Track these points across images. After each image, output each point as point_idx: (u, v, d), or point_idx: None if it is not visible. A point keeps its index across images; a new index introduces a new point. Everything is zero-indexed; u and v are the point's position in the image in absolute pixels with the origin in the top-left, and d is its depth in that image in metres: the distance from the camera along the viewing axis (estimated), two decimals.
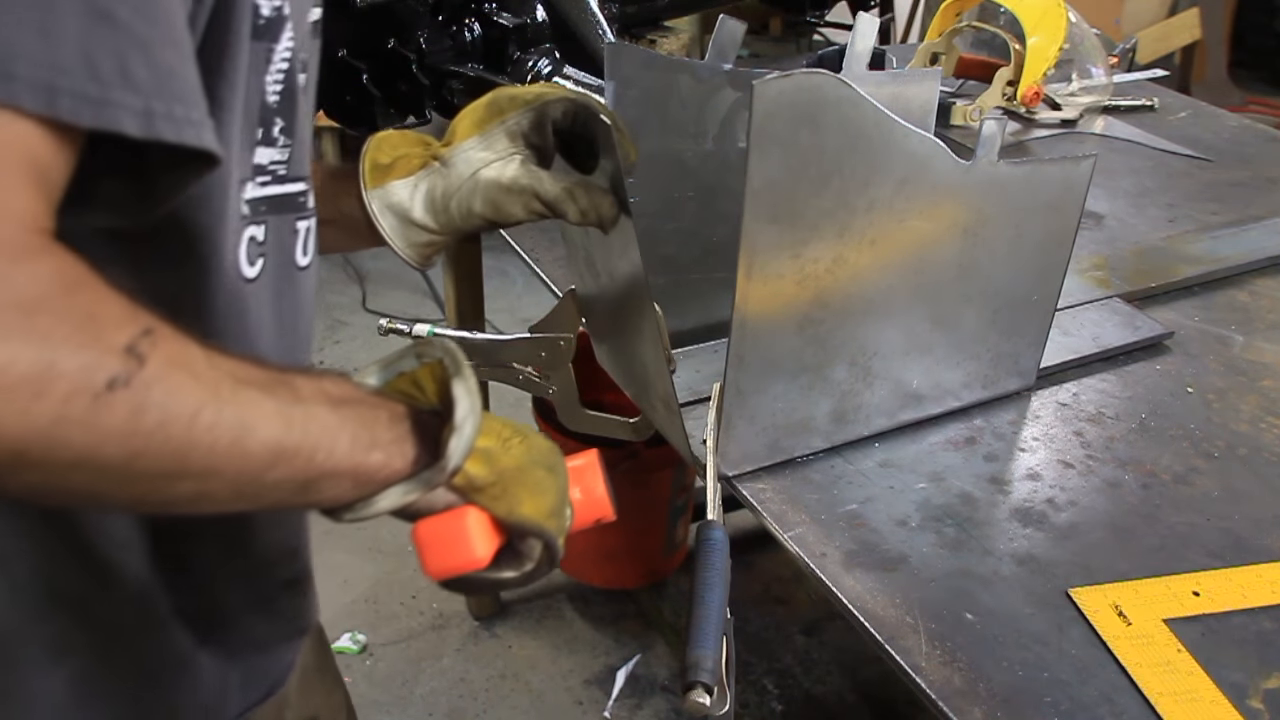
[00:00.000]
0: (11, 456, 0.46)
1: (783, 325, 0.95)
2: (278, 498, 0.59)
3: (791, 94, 0.84)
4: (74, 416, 0.47)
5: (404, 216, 0.85)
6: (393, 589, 2.23)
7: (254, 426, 0.55)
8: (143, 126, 0.49)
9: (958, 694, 0.81)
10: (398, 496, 0.64)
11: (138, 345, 0.49)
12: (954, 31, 1.86)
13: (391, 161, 0.86)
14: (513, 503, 0.70)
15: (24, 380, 0.45)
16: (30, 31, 0.46)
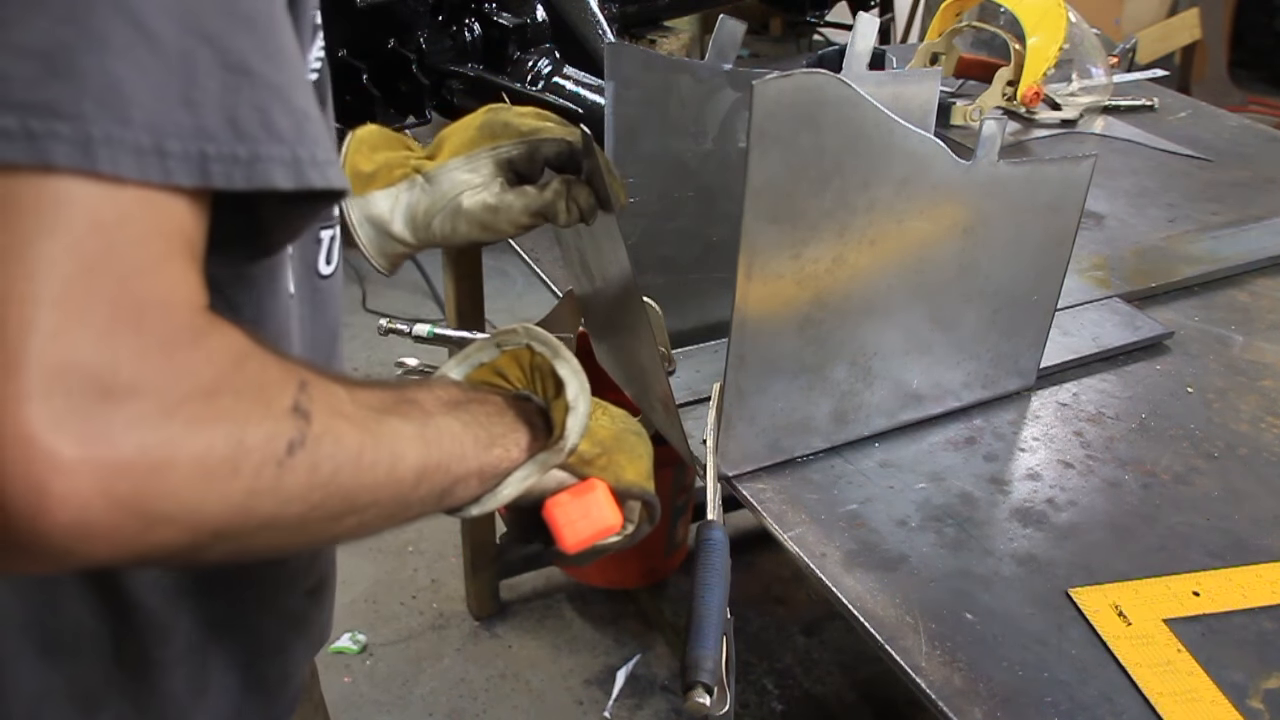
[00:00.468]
0: (211, 536, 0.47)
1: (783, 325, 0.95)
2: (419, 511, 0.61)
3: (791, 94, 0.84)
4: (264, 487, 0.48)
5: (382, 228, 0.85)
6: (393, 589, 2.23)
7: (403, 454, 0.57)
8: (293, 178, 0.48)
9: (958, 694, 0.81)
10: (518, 483, 0.67)
11: (301, 403, 0.50)
12: (954, 31, 1.86)
13: (373, 170, 0.85)
14: (618, 471, 0.74)
15: (221, 463, 0.45)
16: (175, 102, 0.44)
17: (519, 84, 1.59)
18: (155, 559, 0.47)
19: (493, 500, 0.66)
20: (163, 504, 0.44)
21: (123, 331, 0.43)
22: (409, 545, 2.34)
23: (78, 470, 0.41)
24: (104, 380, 0.42)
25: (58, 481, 0.41)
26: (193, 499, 0.45)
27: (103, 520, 0.42)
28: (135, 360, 0.43)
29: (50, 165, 0.41)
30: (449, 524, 2.29)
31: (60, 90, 0.42)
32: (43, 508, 0.41)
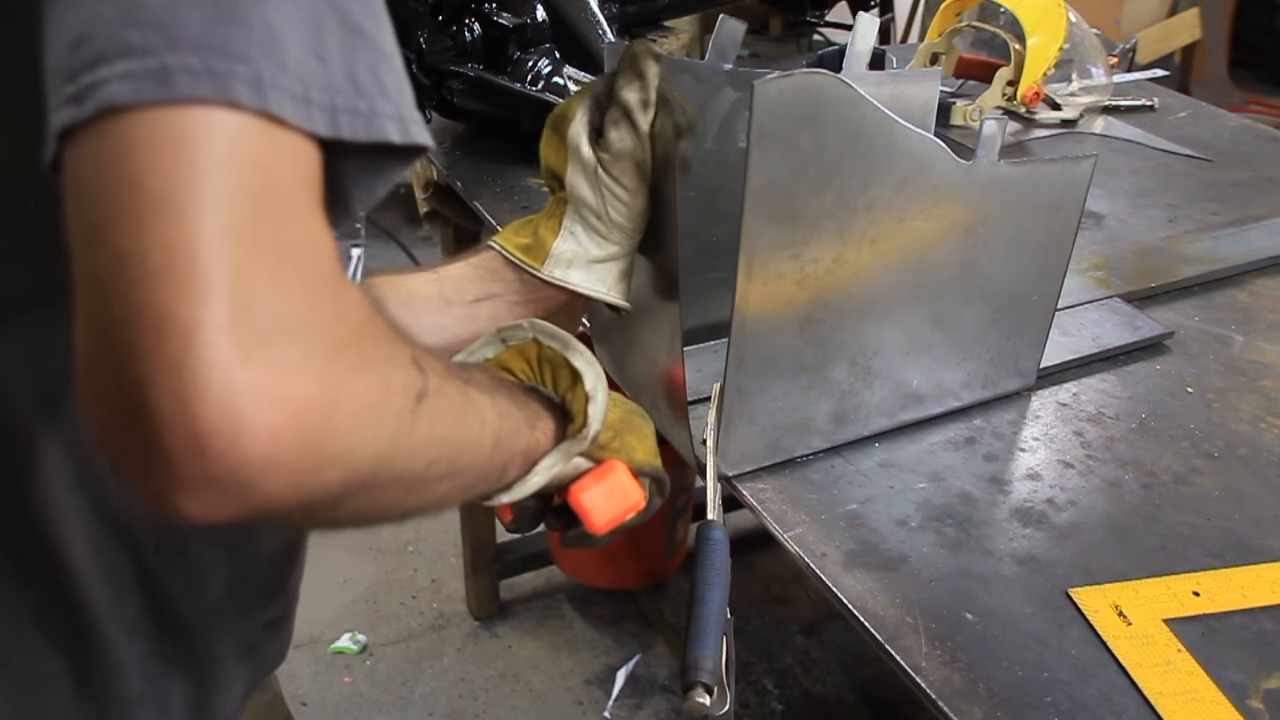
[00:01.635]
0: (359, 483, 0.47)
1: (783, 325, 0.95)
2: (483, 487, 0.63)
3: (792, 94, 0.84)
4: (403, 431, 0.49)
5: (587, 261, 0.87)
6: (393, 589, 2.23)
7: (486, 421, 0.58)
8: (401, 133, 0.49)
9: (958, 694, 0.81)
10: (546, 471, 0.68)
11: (417, 358, 0.51)
12: (954, 31, 1.86)
13: (534, 235, 0.87)
14: (630, 451, 0.76)
15: (375, 404, 0.47)
16: (311, 55, 0.45)
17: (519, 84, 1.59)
18: (310, 506, 0.46)
19: (523, 487, 0.67)
20: (334, 442, 0.45)
21: (289, 272, 0.43)
22: (409, 545, 2.34)
23: (272, 403, 0.42)
24: (281, 317, 0.42)
25: (255, 413, 0.41)
26: (354, 438, 0.46)
27: (288, 454, 0.43)
28: (302, 300, 0.43)
29: (231, 102, 0.42)
30: (449, 524, 2.29)
31: (232, 34, 0.43)
32: (240, 438, 0.41)
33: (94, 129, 0.41)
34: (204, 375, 0.40)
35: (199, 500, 0.42)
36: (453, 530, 2.26)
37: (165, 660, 0.68)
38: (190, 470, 0.41)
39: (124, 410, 0.41)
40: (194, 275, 0.41)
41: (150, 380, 0.40)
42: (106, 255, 0.41)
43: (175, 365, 0.40)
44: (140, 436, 0.41)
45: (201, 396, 0.40)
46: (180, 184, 0.41)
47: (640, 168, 0.86)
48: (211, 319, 0.41)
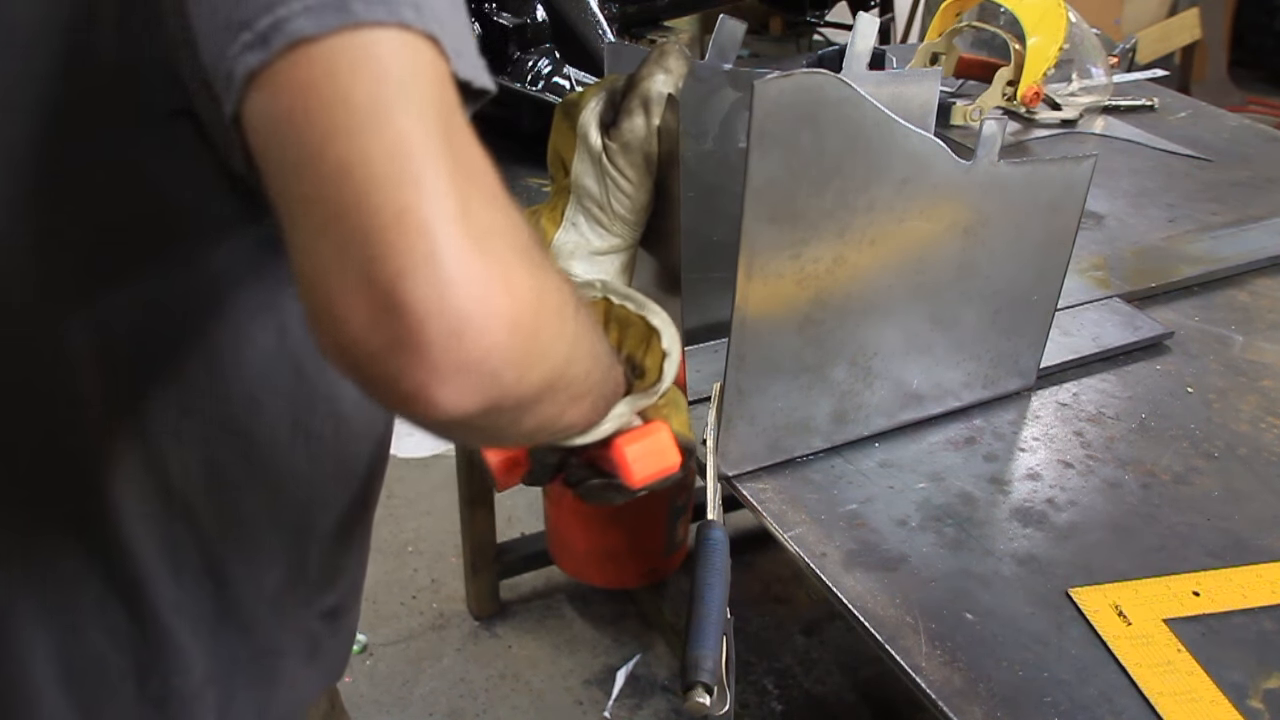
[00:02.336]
0: (550, 383, 0.49)
1: (783, 325, 0.95)
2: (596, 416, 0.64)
3: (792, 94, 0.84)
4: (576, 335, 0.51)
5: (588, 252, 0.88)
6: (393, 589, 2.23)
7: (599, 336, 0.60)
8: (485, 82, 0.50)
9: (958, 694, 0.81)
10: (616, 419, 0.69)
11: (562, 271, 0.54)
12: (954, 31, 1.86)
13: (537, 227, 0.89)
14: (671, 419, 0.78)
15: (561, 306, 0.49)
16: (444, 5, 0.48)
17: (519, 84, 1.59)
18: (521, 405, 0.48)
19: (597, 431, 0.68)
20: (544, 335, 0.47)
21: (479, 180, 0.46)
22: (409, 545, 2.34)
23: (504, 292, 0.44)
24: (487, 219, 0.45)
25: (496, 300, 0.44)
26: (553, 334, 0.48)
27: (519, 342, 0.45)
28: (494, 206, 0.46)
29: (402, 23, 0.44)
30: (449, 524, 2.29)
31: None
32: (487, 324, 0.44)
33: (287, 63, 0.43)
34: (453, 266, 0.43)
35: (454, 389, 0.44)
36: (453, 530, 2.26)
37: (227, 654, 0.68)
38: (448, 358, 0.43)
39: (378, 309, 0.42)
40: (421, 175, 0.43)
41: (404, 274, 0.42)
42: (329, 170, 0.43)
43: (427, 257, 0.42)
44: (399, 331, 0.43)
45: (455, 286, 0.43)
46: (386, 97, 0.43)
47: (647, 160, 0.86)
48: (446, 214, 0.43)
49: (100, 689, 0.64)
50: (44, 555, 0.61)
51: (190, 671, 0.66)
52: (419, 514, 2.40)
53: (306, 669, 0.75)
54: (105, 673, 0.64)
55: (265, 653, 0.71)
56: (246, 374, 0.61)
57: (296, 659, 0.74)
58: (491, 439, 0.55)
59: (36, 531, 0.61)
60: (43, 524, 0.61)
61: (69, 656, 0.63)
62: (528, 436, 0.55)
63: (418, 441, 2.59)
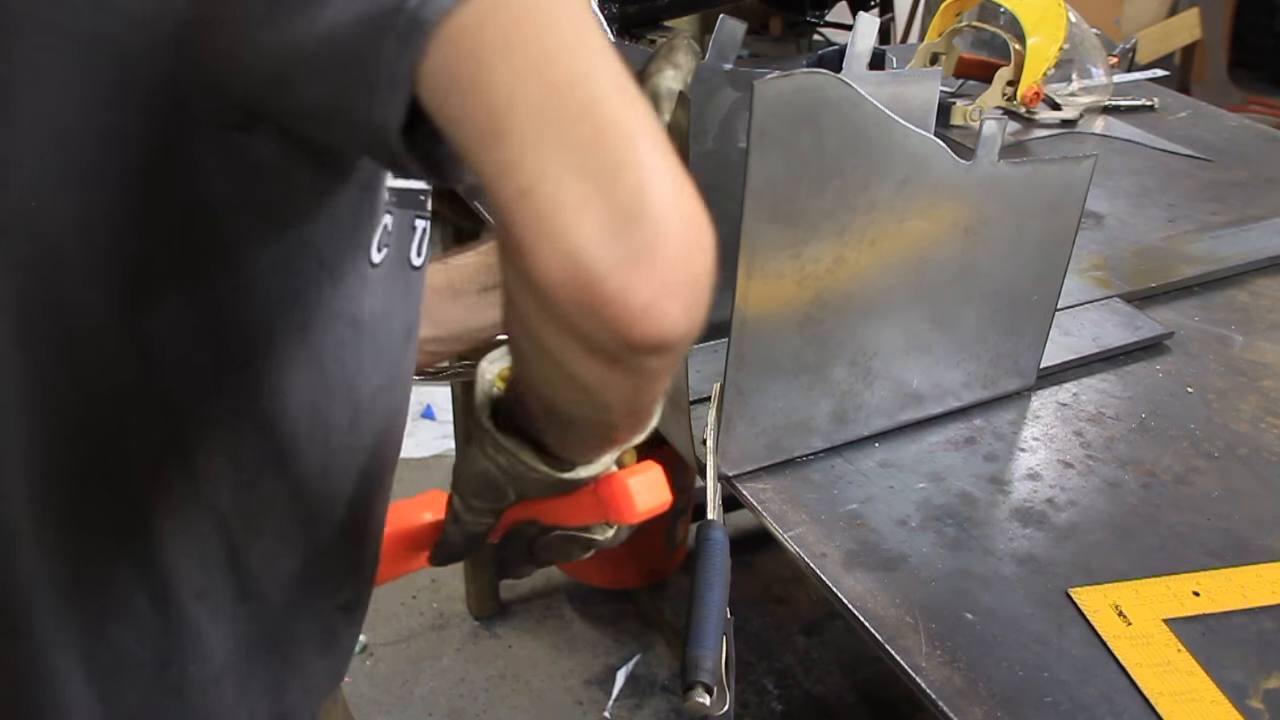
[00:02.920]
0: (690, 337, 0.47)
1: (783, 325, 0.95)
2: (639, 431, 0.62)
3: (792, 94, 0.84)
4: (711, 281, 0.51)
5: None
6: (393, 589, 2.23)
7: None
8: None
9: (958, 694, 0.81)
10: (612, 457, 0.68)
11: None
12: (954, 31, 1.86)
13: None
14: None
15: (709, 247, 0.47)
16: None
17: None
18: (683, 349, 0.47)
19: (599, 464, 0.67)
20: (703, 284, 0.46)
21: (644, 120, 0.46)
22: None
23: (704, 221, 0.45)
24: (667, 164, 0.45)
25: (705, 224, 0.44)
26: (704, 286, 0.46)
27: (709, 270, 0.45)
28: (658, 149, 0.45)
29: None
30: None
31: None
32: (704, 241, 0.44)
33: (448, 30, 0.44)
34: (681, 181, 0.44)
35: (682, 304, 0.44)
36: None
37: (245, 642, 0.68)
38: (683, 271, 0.44)
39: (622, 217, 0.42)
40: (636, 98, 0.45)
41: (648, 184, 0.43)
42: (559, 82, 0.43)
43: (663, 171, 0.43)
44: (642, 240, 0.43)
45: (688, 200, 0.44)
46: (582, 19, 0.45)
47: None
48: (654, 131, 0.44)
49: (120, 678, 0.65)
50: (72, 548, 0.62)
51: (208, 659, 0.67)
52: None
53: (320, 660, 0.76)
54: (125, 662, 0.64)
55: (282, 641, 0.71)
56: (273, 368, 0.61)
57: (311, 649, 0.74)
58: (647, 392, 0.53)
59: (65, 524, 0.61)
60: (72, 518, 0.61)
61: (91, 646, 0.63)
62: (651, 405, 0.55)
63: (418, 442, 2.59)
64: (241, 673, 0.69)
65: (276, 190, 0.56)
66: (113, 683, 0.64)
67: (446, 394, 2.46)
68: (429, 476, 2.48)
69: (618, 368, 0.47)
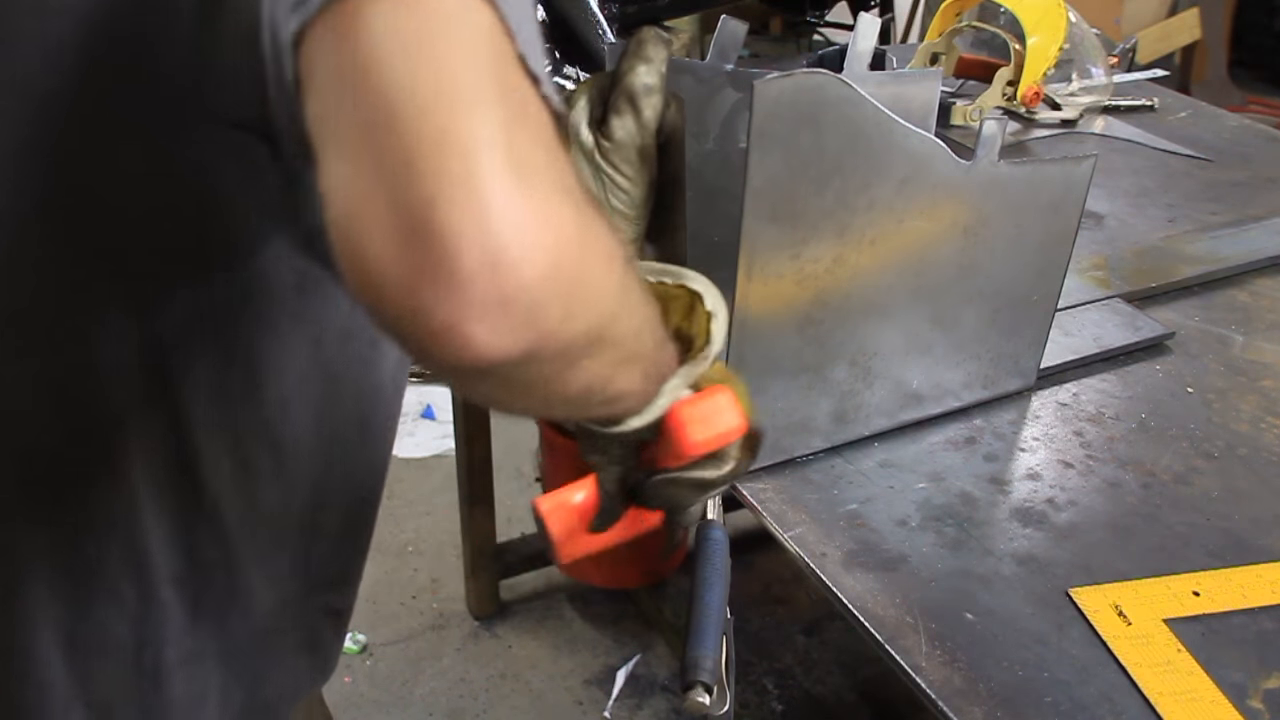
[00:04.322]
0: (597, 334, 0.46)
1: (783, 325, 0.95)
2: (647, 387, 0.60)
3: (792, 94, 0.84)
4: (625, 286, 0.48)
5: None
6: (393, 589, 2.23)
7: (650, 300, 0.57)
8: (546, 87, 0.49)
9: (958, 694, 0.81)
10: (671, 393, 0.65)
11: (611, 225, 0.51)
12: (954, 31, 1.86)
13: None
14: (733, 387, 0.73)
15: (609, 252, 0.47)
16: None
17: None
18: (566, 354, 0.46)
19: (652, 411, 0.64)
20: (589, 277, 0.45)
21: (531, 119, 0.44)
22: (409, 545, 2.34)
23: (547, 225, 0.42)
24: (533, 155, 0.43)
25: (537, 232, 0.42)
26: (600, 279, 0.45)
27: (563, 280, 0.43)
28: (543, 146, 0.44)
29: None
30: (449, 524, 2.29)
31: None
32: (526, 255, 0.41)
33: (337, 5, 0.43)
34: (491, 191, 0.41)
35: (490, 325, 0.42)
36: (453, 530, 2.26)
37: (226, 633, 0.68)
38: (483, 290, 0.41)
39: (409, 233, 0.41)
40: (464, 101, 0.42)
41: (439, 196, 0.40)
42: (370, 92, 0.42)
43: (463, 180, 0.40)
44: (430, 258, 0.40)
45: (492, 212, 0.41)
46: (434, 29, 0.42)
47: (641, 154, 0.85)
48: (487, 139, 0.41)
49: (99, 658, 0.65)
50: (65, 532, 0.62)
51: (183, 644, 0.67)
52: (419, 514, 2.40)
53: (302, 658, 0.76)
54: (105, 643, 0.65)
55: (264, 636, 0.72)
56: (282, 381, 0.62)
57: (294, 647, 0.75)
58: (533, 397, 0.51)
59: (58, 508, 0.61)
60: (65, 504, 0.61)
61: (73, 626, 0.64)
62: (576, 401, 0.52)
63: (418, 442, 2.59)
64: (220, 661, 0.69)
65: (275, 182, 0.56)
66: (91, 662, 0.65)
67: (446, 394, 2.46)
68: (429, 477, 2.48)
69: (475, 383, 0.46)
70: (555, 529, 0.72)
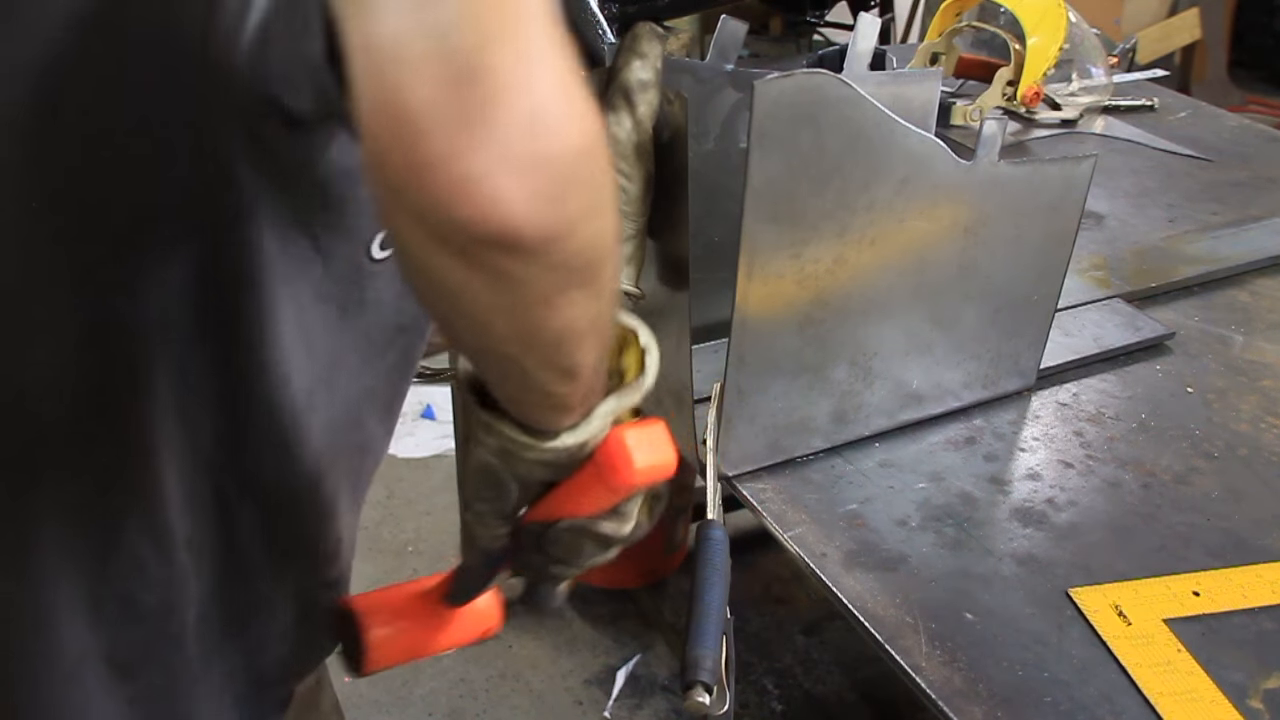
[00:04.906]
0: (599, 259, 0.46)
1: (783, 325, 0.95)
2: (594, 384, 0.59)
3: (792, 94, 0.84)
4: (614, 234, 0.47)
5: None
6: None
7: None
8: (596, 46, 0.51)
9: (958, 694, 0.81)
10: (604, 417, 0.64)
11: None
12: (954, 31, 1.86)
13: None
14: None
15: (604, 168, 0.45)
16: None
17: None
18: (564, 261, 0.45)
19: (585, 429, 0.63)
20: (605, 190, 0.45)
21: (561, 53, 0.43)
22: (409, 545, 2.34)
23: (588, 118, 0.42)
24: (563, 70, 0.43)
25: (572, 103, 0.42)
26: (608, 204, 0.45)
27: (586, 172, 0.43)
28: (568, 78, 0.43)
29: None
30: (449, 524, 2.29)
31: None
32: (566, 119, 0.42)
33: None
34: (541, 51, 0.41)
35: (521, 183, 0.41)
36: (453, 530, 2.26)
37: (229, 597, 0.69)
38: (523, 142, 0.41)
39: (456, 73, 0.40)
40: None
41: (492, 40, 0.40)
42: None
43: (517, 34, 0.41)
44: (476, 98, 0.40)
45: (538, 69, 0.41)
46: None
47: (638, 151, 0.85)
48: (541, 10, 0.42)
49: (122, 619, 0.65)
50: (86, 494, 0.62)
51: (196, 607, 0.68)
52: (419, 514, 2.40)
53: (297, 629, 0.76)
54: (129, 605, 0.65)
55: (260, 603, 0.72)
56: (277, 345, 0.62)
57: (289, 616, 0.75)
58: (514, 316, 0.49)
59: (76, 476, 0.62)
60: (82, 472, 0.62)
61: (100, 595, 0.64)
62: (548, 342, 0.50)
63: (418, 441, 2.59)
64: (221, 625, 0.70)
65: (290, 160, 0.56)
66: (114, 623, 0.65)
67: (446, 394, 2.46)
68: (429, 477, 2.48)
69: (472, 268, 0.45)
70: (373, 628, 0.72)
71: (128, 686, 0.67)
